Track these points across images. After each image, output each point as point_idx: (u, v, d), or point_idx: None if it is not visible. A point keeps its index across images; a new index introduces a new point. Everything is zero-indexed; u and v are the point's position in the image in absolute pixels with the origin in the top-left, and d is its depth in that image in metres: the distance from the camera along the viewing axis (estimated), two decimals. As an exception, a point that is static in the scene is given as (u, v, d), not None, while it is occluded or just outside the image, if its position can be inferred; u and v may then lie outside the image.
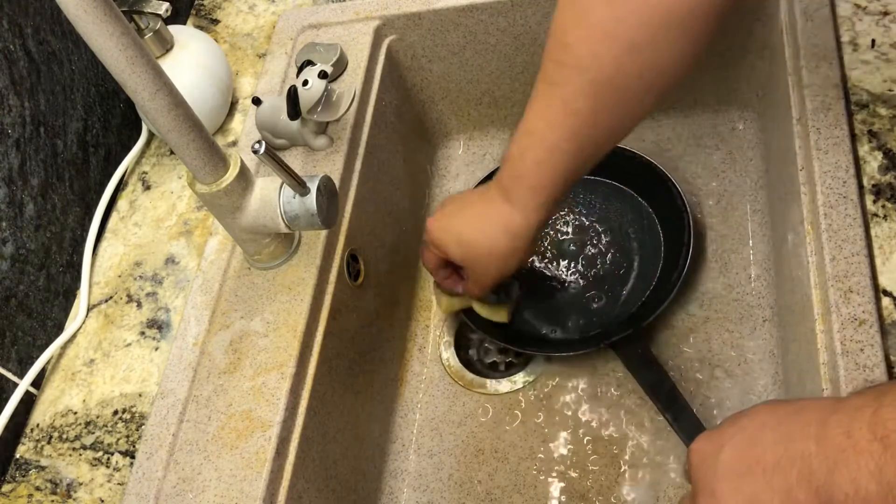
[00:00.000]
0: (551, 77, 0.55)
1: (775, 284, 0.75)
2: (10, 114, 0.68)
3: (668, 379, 0.72)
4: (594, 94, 0.53)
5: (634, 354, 0.74)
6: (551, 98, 0.55)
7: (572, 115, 0.54)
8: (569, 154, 0.56)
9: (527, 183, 0.59)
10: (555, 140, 0.56)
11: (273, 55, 0.85)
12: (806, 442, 0.42)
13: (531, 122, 0.57)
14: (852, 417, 0.40)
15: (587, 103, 0.54)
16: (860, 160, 0.60)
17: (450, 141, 0.97)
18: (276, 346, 0.64)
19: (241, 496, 0.58)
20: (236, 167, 0.60)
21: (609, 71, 0.52)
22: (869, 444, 0.38)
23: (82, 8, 0.48)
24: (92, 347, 0.71)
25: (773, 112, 0.76)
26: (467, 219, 0.66)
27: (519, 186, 0.60)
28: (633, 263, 0.81)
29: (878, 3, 0.67)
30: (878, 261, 0.56)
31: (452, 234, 0.67)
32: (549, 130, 0.56)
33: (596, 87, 0.53)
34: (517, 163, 0.59)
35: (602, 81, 0.52)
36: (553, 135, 0.56)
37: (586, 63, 0.52)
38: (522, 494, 0.73)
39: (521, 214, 0.61)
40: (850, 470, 0.39)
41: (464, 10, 0.83)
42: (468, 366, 0.82)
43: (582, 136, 0.56)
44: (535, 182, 0.59)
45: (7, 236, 0.67)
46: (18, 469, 0.66)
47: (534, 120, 0.57)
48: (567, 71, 0.53)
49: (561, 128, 0.55)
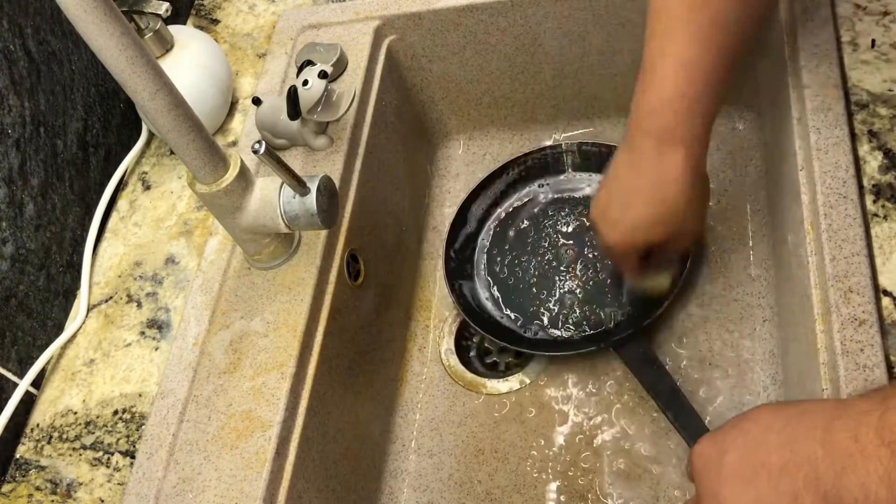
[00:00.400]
0: (680, 12, 0.56)
1: (775, 284, 0.75)
2: (10, 114, 0.68)
3: (670, 377, 0.72)
4: (724, 24, 0.55)
5: (636, 354, 0.74)
6: (695, 26, 0.55)
7: (723, 32, 0.55)
8: (723, 75, 0.57)
9: (696, 113, 0.58)
10: (711, 65, 0.56)
11: (273, 55, 0.85)
12: (812, 446, 0.41)
13: (680, 54, 0.56)
14: (858, 422, 0.40)
15: (724, 29, 0.55)
16: (860, 160, 0.60)
17: (450, 141, 0.97)
18: (276, 346, 0.64)
19: (241, 496, 0.58)
20: (236, 167, 0.60)
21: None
22: (877, 449, 0.38)
23: (82, 8, 0.48)
24: (92, 347, 0.71)
25: (773, 112, 0.76)
26: (648, 201, 0.61)
27: (689, 121, 0.58)
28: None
29: (878, 3, 0.67)
30: (878, 261, 0.56)
31: (645, 229, 0.63)
32: (707, 55, 0.56)
33: (723, 14, 0.55)
34: (679, 101, 0.57)
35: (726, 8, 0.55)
36: (709, 59, 0.56)
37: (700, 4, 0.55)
38: (522, 494, 0.73)
39: (698, 146, 0.59)
40: (859, 475, 0.38)
41: (464, 10, 0.83)
42: (468, 366, 0.82)
43: (727, 57, 0.57)
44: (703, 109, 0.58)
45: (7, 236, 0.67)
46: (18, 469, 0.66)
47: (683, 51, 0.56)
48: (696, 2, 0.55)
49: (714, 50, 0.56)
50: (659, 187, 0.60)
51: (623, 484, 0.71)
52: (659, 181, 0.60)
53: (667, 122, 0.58)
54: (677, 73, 0.56)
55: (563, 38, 0.85)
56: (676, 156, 0.58)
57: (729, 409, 0.72)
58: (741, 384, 0.73)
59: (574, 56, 0.87)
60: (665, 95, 0.57)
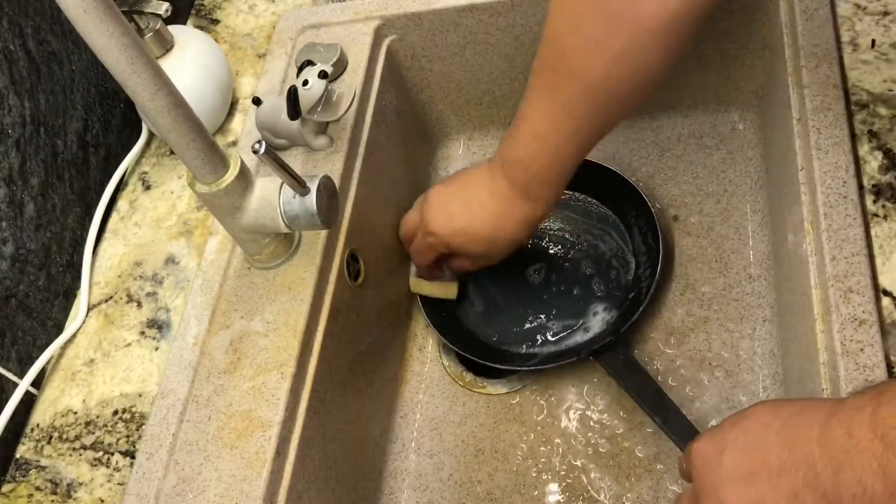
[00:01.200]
0: (549, 82, 0.60)
1: (775, 284, 0.75)
2: (10, 114, 0.68)
3: (653, 382, 0.72)
4: (589, 99, 0.59)
5: (616, 362, 0.74)
6: (552, 103, 0.61)
7: (572, 117, 0.61)
8: (572, 151, 0.63)
9: (543, 180, 0.66)
10: (561, 141, 0.62)
11: (273, 55, 0.85)
12: (809, 445, 0.42)
13: (536, 125, 0.62)
14: (852, 417, 0.40)
15: (584, 107, 0.60)
16: (860, 160, 0.60)
17: (450, 141, 0.97)
18: (276, 346, 0.64)
19: (241, 496, 0.58)
20: (236, 167, 0.60)
21: (600, 77, 0.57)
22: (870, 444, 0.38)
23: (82, 8, 0.47)
24: (92, 347, 0.71)
25: (773, 112, 0.76)
26: (486, 219, 0.70)
27: (536, 185, 0.66)
28: (608, 272, 0.81)
29: (878, 3, 0.67)
30: (879, 261, 0.56)
31: (470, 236, 0.72)
32: (555, 133, 0.62)
33: (590, 91, 0.58)
34: (531, 165, 0.65)
35: (595, 86, 0.58)
36: (558, 137, 0.62)
37: (580, 71, 0.57)
38: (522, 494, 0.73)
39: (540, 207, 0.68)
40: (855, 470, 0.39)
41: (464, 10, 0.83)
42: (468, 366, 0.82)
43: (582, 134, 0.62)
44: (550, 178, 0.66)
45: (7, 236, 0.67)
46: (18, 469, 0.66)
47: (538, 123, 0.62)
48: (563, 78, 0.59)
49: (565, 130, 0.61)
50: (500, 220, 0.69)
51: (623, 483, 0.71)
52: (503, 215, 0.69)
53: (521, 177, 0.66)
54: (533, 140, 0.63)
55: (563, 38, 0.85)
56: (523, 208, 0.68)
57: (728, 409, 0.72)
58: (741, 384, 0.73)
59: (574, 56, 0.87)
60: (522, 154, 0.64)
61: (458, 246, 0.73)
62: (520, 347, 0.80)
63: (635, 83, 0.58)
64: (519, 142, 0.64)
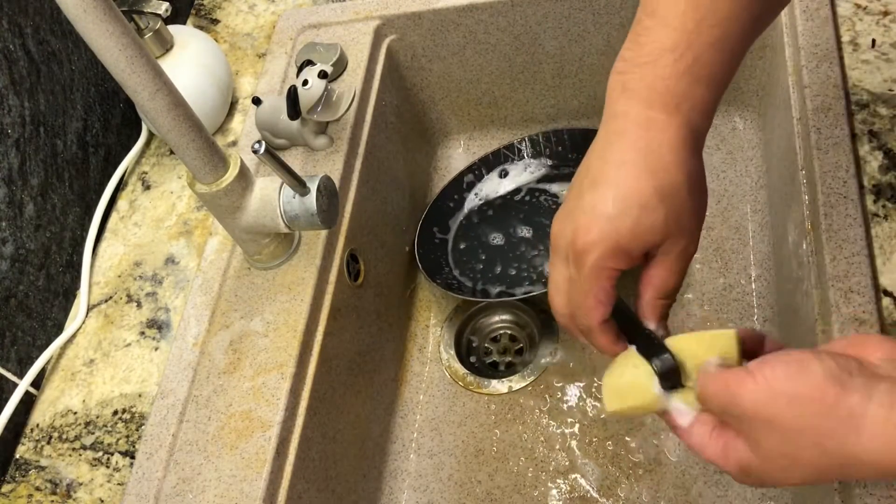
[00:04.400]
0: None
1: (775, 284, 0.75)
2: (10, 114, 0.68)
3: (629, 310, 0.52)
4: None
5: None
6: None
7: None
8: (746, 18, 0.43)
9: (706, 67, 0.42)
10: (724, 14, 0.42)
11: (273, 55, 0.85)
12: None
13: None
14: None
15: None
16: (860, 160, 0.60)
17: (450, 141, 0.97)
18: (276, 346, 0.64)
19: (241, 496, 0.58)
20: (236, 167, 0.60)
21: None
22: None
23: (82, 8, 0.48)
24: (92, 347, 0.71)
25: (773, 112, 0.76)
26: (637, 173, 0.43)
27: (693, 82, 0.43)
28: None
29: (878, 3, 0.67)
30: (879, 261, 0.56)
31: (634, 207, 0.42)
32: (710, 3, 0.42)
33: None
34: (687, 50, 0.42)
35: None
36: (723, 6, 0.42)
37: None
38: (522, 495, 0.73)
39: (698, 118, 0.44)
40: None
41: (464, 10, 0.83)
42: (468, 366, 0.82)
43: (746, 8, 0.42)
44: (716, 62, 0.43)
45: (7, 236, 0.67)
46: (18, 469, 0.66)
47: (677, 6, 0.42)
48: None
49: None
50: (649, 156, 0.42)
51: (623, 483, 0.71)
52: (648, 149, 0.43)
53: (661, 77, 0.42)
54: (686, 14, 0.41)
55: (562, 38, 0.85)
56: (670, 124, 0.42)
57: (729, 409, 0.72)
58: (741, 384, 0.72)
59: (574, 56, 0.87)
60: (665, 44, 0.42)
61: (630, 233, 0.43)
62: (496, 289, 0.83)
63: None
64: (654, 30, 0.42)
